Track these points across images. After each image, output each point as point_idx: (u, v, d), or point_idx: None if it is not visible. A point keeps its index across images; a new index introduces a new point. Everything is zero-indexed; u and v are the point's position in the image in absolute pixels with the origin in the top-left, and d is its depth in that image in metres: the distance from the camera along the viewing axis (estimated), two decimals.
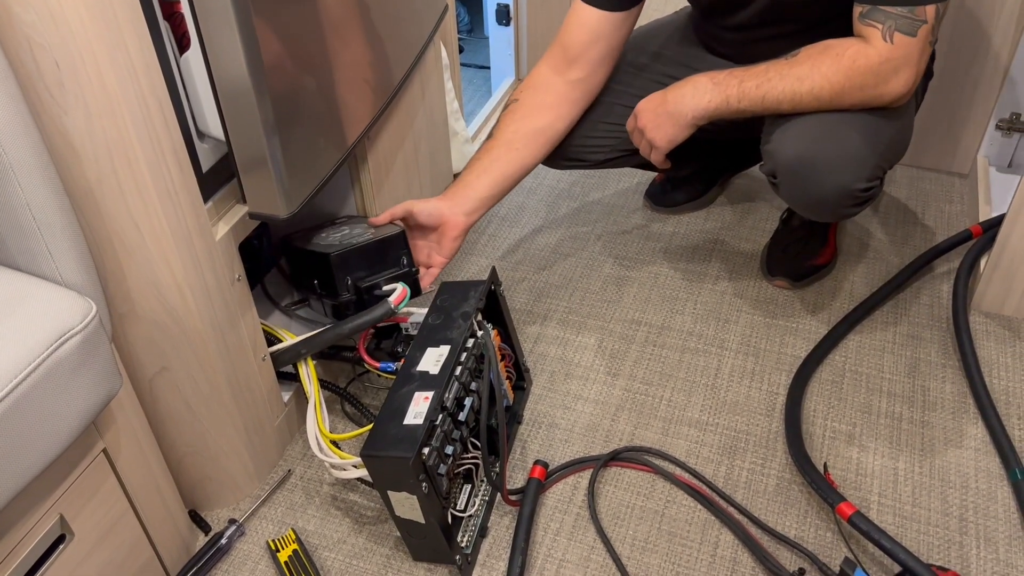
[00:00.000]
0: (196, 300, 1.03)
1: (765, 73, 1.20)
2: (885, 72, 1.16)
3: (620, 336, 1.47)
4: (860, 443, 1.28)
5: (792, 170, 1.22)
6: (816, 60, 1.18)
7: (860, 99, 1.18)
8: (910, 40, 1.14)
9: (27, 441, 0.77)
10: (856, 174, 1.20)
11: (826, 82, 1.17)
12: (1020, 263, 1.41)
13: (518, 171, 1.35)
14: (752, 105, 1.21)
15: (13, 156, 0.76)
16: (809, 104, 1.19)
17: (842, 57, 1.17)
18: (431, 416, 1.06)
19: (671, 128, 1.24)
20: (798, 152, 1.20)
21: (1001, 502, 1.19)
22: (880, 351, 1.42)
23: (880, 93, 1.18)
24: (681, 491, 1.23)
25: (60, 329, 0.79)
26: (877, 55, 1.15)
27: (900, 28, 1.14)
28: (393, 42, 1.26)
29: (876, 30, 1.15)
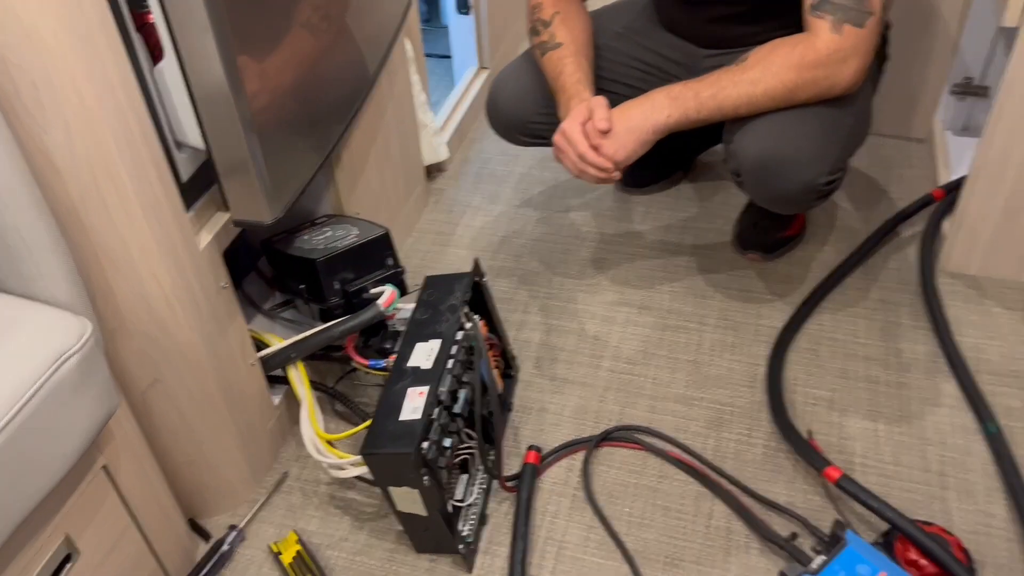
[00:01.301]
0: (184, 311, 1.03)
1: (719, 82, 1.22)
2: (834, 64, 1.19)
3: (601, 318, 1.49)
4: (840, 408, 1.32)
5: (756, 170, 1.25)
6: (766, 62, 1.21)
7: (814, 93, 1.21)
8: (858, 31, 1.18)
9: (33, 463, 0.77)
10: (818, 169, 1.23)
11: (778, 82, 1.20)
12: (982, 224, 1.45)
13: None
14: (711, 114, 1.23)
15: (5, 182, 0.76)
16: (766, 105, 1.22)
17: (791, 55, 1.20)
18: (427, 410, 1.07)
19: (631, 144, 1.24)
20: (761, 152, 1.23)
21: (977, 456, 1.24)
22: (853, 317, 1.46)
23: (832, 84, 1.21)
24: (672, 466, 1.26)
25: (58, 350, 0.79)
26: (825, 48, 1.19)
27: (848, 19, 1.17)
28: (364, 40, 1.26)
29: (825, 22, 1.18)
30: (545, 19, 1.39)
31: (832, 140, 1.25)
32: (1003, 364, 1.36)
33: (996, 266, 1.49)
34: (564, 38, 1.36)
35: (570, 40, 1.36)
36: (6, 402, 0.74)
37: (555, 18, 1.38)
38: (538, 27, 1.39)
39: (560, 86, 1.33)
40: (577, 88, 1.31)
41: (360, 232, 1.30)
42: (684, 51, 1.46)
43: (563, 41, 1.35)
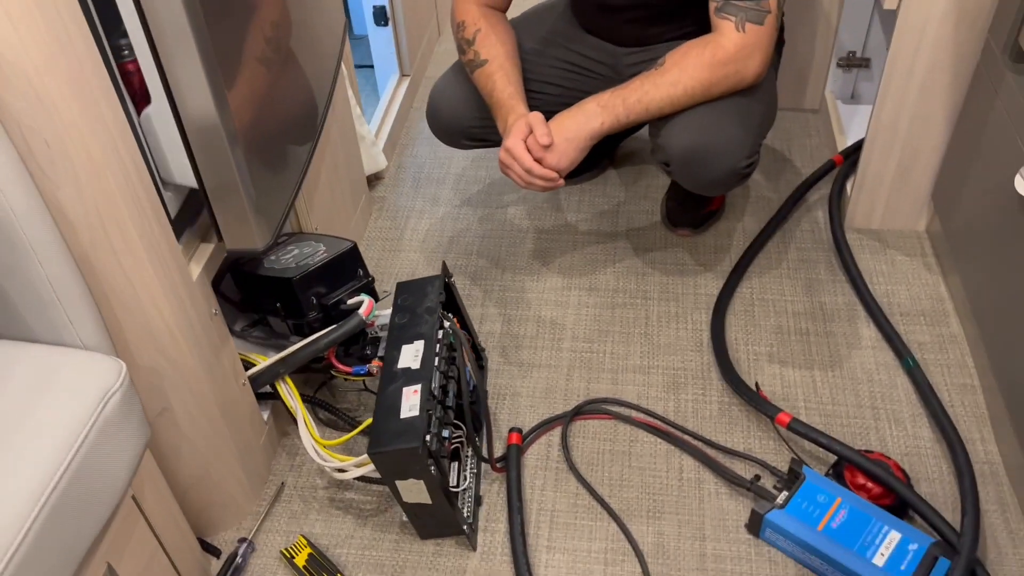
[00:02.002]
0: (186, 341, 1.08)
1: (642, 87, 1.34)
2: (742, 58, 1.33)
3: (555, 303, 1.61)
4: (780, 360, 1.47)
5: (683, 161, 1.38)
6: (682, 64, 1.34)
7: (727, 86, 1.35)
8: (759, 28, 1.32)
9: (92, 499, 0.83)
10: (739, 154, 1.37)
11: (695, 81, 1.33)
12: (879, 183, 1.63)
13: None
14: (639, 116, 1.36)
15: (32, 236, 0.80)
16: (686, 102, 1.35)
17: (703, 56, 1.33)
18: (425, 406, 1.16)
19: (572, 152, 1.35)
20: (686, 145, 1.36)
21: (901, 388, 1.42)
22: (779, 278, 1.62)
23: (742, 78, 1.35)
24: (641, 430, 1.39)
25: (102, 390, 0.84)
26: (732, 45, 1.33)
27: (750, 19, 1.32)
28: (318, 62, 1.32)
29: (730, 22, 1.32)
30: (468, 38, 1.47)
31: (748, 127, 1.39)
32: (911, 305, 1.54)
33: (894, 219, 1.68)
34: (488, 54, 1.45)
35: (494, 55, 1.45)
36: (65, 444, 0.79)
37: (477, 36, 1.46)
38: (463, 46, 1.48)
39: (495, 102, 1.42)
40: (511, 103, 1.40)
41: (328, 247, 1.37)
42: (605, 51, 1.57)
43: (488, 58, 1.44)
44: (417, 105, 2.13)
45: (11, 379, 0.81)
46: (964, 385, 1.41)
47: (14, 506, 0.74)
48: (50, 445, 0.78)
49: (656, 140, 1.43)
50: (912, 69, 1.47)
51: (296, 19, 1.23)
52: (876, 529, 1.17)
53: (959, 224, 1.50)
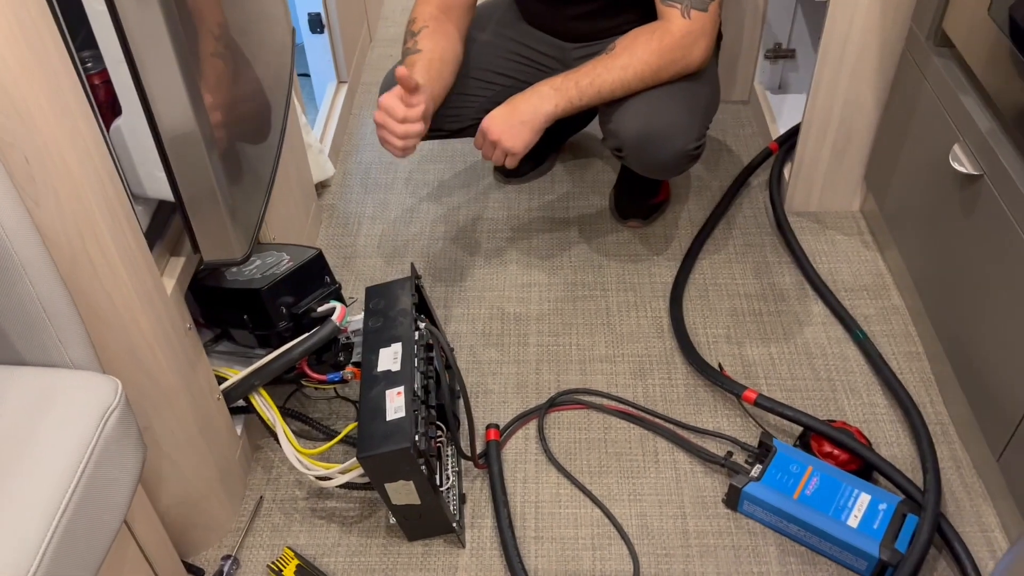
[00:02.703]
0: (165, 356, 1.06)
1: (594, 70, 1.38)
2: (688, 44, 1.39)
3: (517, 300, 1.63)
4: (737, 341, 1.53)
5: (635, 145, 1.42)
6: (631, 49, 1.38)
7: (674, 71, 1.40)
8: (703, 15, 1.38)
9: (99, 521, 0.80)
10: (688, 136, 1.42)
11: (645, 65, 1.38)
12: (814, 168, 1.71)
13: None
14: (591, 99, 1.39)
15: (23, 256, 0.78)
16: (636, 86, 1.39)
17: (651, 41, 1.38)
18: (410, 407, 1.16)
19: (527, 134, 1.37)
20: (637, 129, 1.40)
21: (853, 359, 1.49)
22: (728, 262, 1.68)
23: (688, 63, 1.41)
24: (613, 417, 1.42)
25: (100, 409, 0.82)
26: (679, 31, 1.38)
27: (695, 6, 1.37)
28: (274, 71, 1.31)
29: (675, 9, 1.37)
30: (414, 31, 1.48)
31: (695, 110, 1.44)
32: (854, 281, 1.63)
33: (831, 201, 1.76)
34: (424, 47, 1.45)
35: (429, 49, 1.44)
36: (69, 468, 0.77)
37: (423, 30, 1.47)
38: (407, 37, 1.49)
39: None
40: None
41: (292, 256, 1.35)
42: (553, 45, 1.61)
43: (422, 48, 1.45)
44: (356, 111, 2.12)
45: (7, 404, 0.78)
46: (910, 353, 1.49)
47: (25, 536, 0.72)
48: (55, 470, 0.76)
49: (607, 127, 1.46)
50: (843, 57, 1.55)
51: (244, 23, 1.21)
52: (847, 493, 1.23)
53: (893, 202, 1.59)
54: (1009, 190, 1.18)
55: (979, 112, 1.27)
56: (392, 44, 2.37)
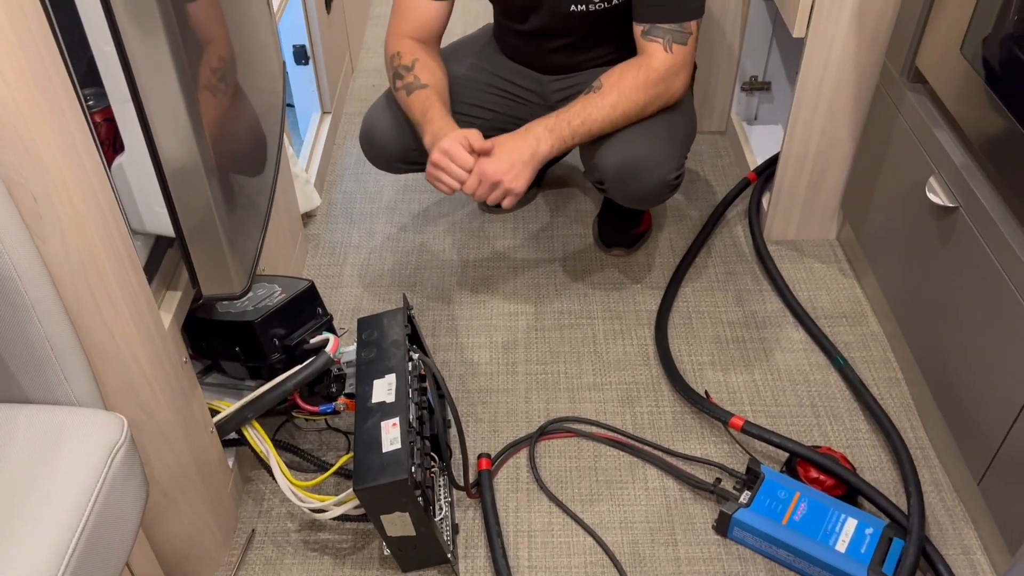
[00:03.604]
0: (162, 391, 1.06)
1: (584, 110, 1.41)
2: (670, 77, 1.43)
3: (504, 329, 1.64)
4: (722, 368, 1.56)
5: (616, 177, 1.46)
6: (618, 86, 1.42)
7: (658, 105, 1.45)
8: (683, 48, 1.42)
9: (106, 559, 0.80)
10: (667, 167, 1.45)
11: (632, 103, 1.41)
12: (792, 197, 1.76)
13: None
14: (583, 138, 1.42)
15: (33, 295, 0.78)
16: (623, 123, 1.43)
17: (637, 77, 1.42)
18: (405, 438, 1.17)
19: (527, 174, 1.40)
20: (618, 162, 1.44)
21: (834, 385, 1.52)
22: (710, 291, 1.72)
23: (671, 96, 1.45)
24: (603, 445, 1.44)
25: (108, 446, 0.82)
26: (662, 65, 1.42)
27: (676, 40, 1.41)
28: (268, 103, 1.32)
29: (658, 44, 1.42)
30: (407, 64, 1.51)
31: (673, 141, 1.48)
32: (833, 308, 1.67)
33: (809, 230, 1.81)
34: (428, 80, 1.49)
35: (433, 82, 1.49)
36: (79, 505, 0.77)
37: (415, 64, 1.50)
38: (401, 72, 1.51)
39: (429, 119, 1.44)
40: (447, 121, 1.44)
41: (284, 288, 1.36)
42: (532, 78, 1.64)
43: (427, 83, 1.48)
44: (339, 141, 2.14)
45: (15, 443, 0.78)
46: (889, 378, 1.53)
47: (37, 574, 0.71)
48: (64, 509, 0.76)
49: (590, 161, 1.50)
50: (819, 91, 1.60)
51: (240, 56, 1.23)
52: (835, 518, 1.26)
53: (870, 231, 1.64)
54: (984, 222, 1.22)
55: (953, 146, 1.32)
56: (374, 75, 2.39)
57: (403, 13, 1.52)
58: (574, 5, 1.45)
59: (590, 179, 1.54)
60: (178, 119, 0.92)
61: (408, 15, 1.52)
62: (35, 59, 0.79)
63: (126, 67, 0.87)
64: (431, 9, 1.50)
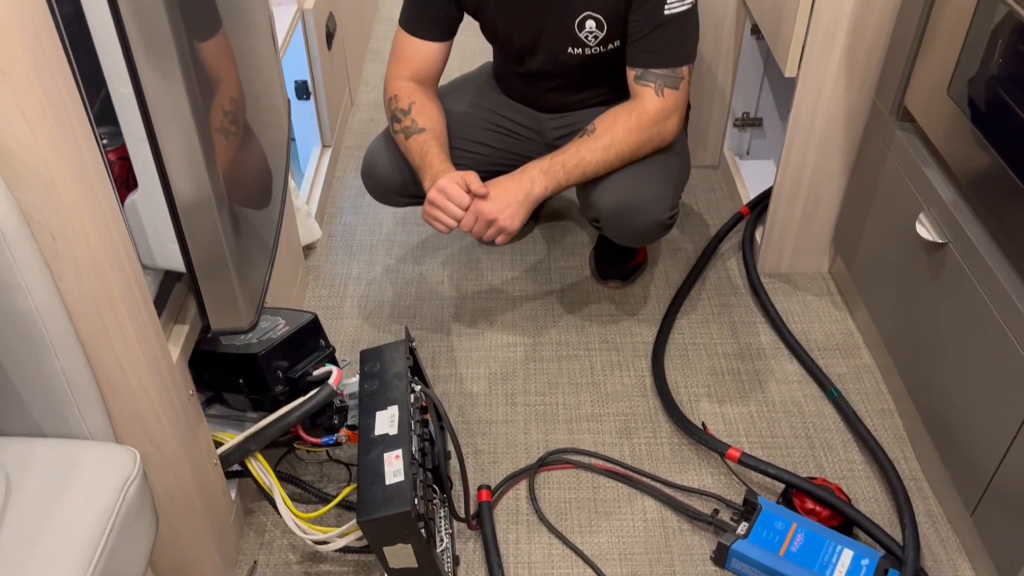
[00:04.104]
0: (169, 423, 1.07)
1: (578, 153, 1.44)
2: (662, 120, 1.47)
3: (503, 360, 1.66)
4: (718, 399, 1.58)
5: (612, 216, 1.49)
6: (612, 130, 1.45)
7: (651, 147, 1.48)
8: (675, 92, 1.46)
9: None
10: (662, 208, 1.49)
11: (625, 145, 1.45)
12: (785, 231, 1.79)
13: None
14: (577, 180, 1.46)
15: (52, 332, 0.80)
16: (617, 164, 1.47)
17: (630, 121, 1.45)
18: (408, 470, 1.18)
19: (522, 214, 1.43)
20: (615, 202, 1.47)
21: (829, 417, 1.55)
22: (705, 323, 1.74)
23: (663, 138, 1.49)
24: (602, 476, 1.45)
25: (121, 480, 0.84)
26: (654, 108, 1.46)
27: (667, 84, 1.45)
28: (275, 138, 1.34)
29: (650, 88, 1.45)
30: (404, 108, 1.54)
31: (668, 182, 1.51)
32: (826, 340, 1.69)
33: (801, 263, 1.84)
34: (425, 124, 1.52)
35: (430, 125, 1.52)
36: (92, 540, 0.78)
37: (412, 107, 1.53)
38: (398, 115, 1.55)
39: (428, 163, 1.48)
40: (445, 165, 1.47)
41: (288, 320, 1.38)
42: (530, 116, 1.67)
43: (425, 126, 1.52)
44: (339, 174, 2.17)
45: (31, 476, 0.79)
46: (882, 410, 1.55)
47: None
48: (79, 542, 0.77)
49: (586, 200, 1.53)
50: (811, 128, 1.64)
51: (248, 92, 1.26)
52: (831, 549, 1.27)
53: (862, 265, 1.67)
54: (973, 258, 1.25)
55: (942, 183, 1.36)
56: (373, 109, 2.43)
57: (401, 55, 1.56)
58: (571, 48, 1.49)
59: (586, 217, 1.57)
60: (192, 157, 0.95)
61: (406, 57, 1.55)
62: (55, 100, 0.82)
63: (143, 108, 0.90)
64: (429, 51, 1.54)
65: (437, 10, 1.52)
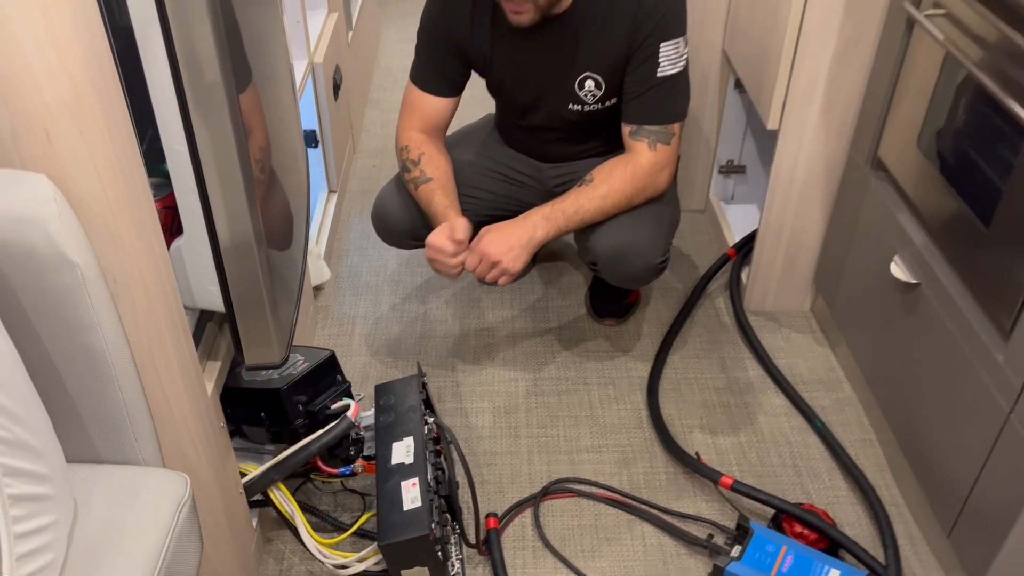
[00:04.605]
0: (205, 454, 1.15)
1: (577, 200, 1.55)
2: (655, 173, 1.58)
3: (506, 395, 1.75)
4: (710, 430, 1.67)
5: (608, 260, 1.60)
6: (608, 180, 1.56)
7: (644, 197, 1.59)
8: (667, 147, 1.58)
9: None
10: (655, 252, 1.60)
11: (621, 195, 1.56)
12: (769, 272, 1.90)
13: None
14: (576, 226, 1.57)
15: (118, 367, 0.88)
16: (613, 212, 1.57)
17: (625, 173, 1.56)
18: (424, 497, 1.27)
19: (524, 257, 1.53)
20: (610, 247, 1.58)
21: (814, 447, 1.64)
22: (696, 358, 1.84)
23: (656, 189, 1.60)
24: (603, 504, 1.54)
25: (176, 502, 0.91)
26: (647, 162, 1.57)
27: (660, 140, 1.57)
28: (295, 188, 1.44)
29: (644, 143, 1.57)
30: (414, 159, 1.65)
31: (660, 229, 1.62)
32: (810, 375, 1.80)
33: (785, 301, 1.95)
34: (432, 173, 1.63)
35: (437, 175, 1.63)
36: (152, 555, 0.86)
37: (422, 158, 1.64)
38: (408, 166, 1.65)
39: (433, 212, 1.59)
40: (446, 213, 1.58)
41: (306, 357, 1.46)
42: (531, 165, 1.78)
43: (432, 176, 1.62)
44: (344, 218, 2.27)
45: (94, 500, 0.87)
46: (864, 440, 1.65)
47: None
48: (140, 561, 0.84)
49: (584, 244, 1.63)
50: (792, 176, 1.76)
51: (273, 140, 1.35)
52: (819, 570, 1.36)
53: (842, 304, 1.78)
54: (943, 297, 1.36)
55: (914, 228, 1.47)
56: (374, 155, 2.54)
57: (412, 108, 1.67)
58: (571, 105, 1.61)
59: (584, 260, 1.68)
60: (237, 205, 1.04)
61: (416, 110, 1.66)
62: (121, 157, 0.91)
63: (196, 164, 0.99)
64: (438, 105, 1.65)
65: (446, 67, 1.63)
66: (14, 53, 0.79)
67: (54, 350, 0.86)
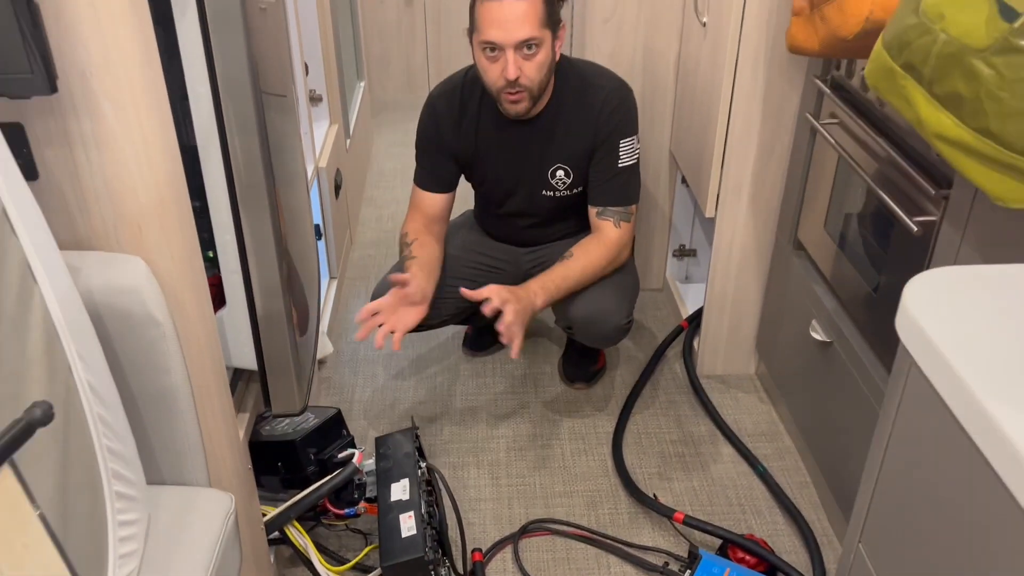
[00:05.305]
0: (238, 487, 1.38)
1: (564, 273, 1.84)
2: (620, 247, 1.89)
3: (489, 450, 1.99)
4: (667, 477, 1.92)
5: (583, 323, 1.88)
6: (587, 256, 1.86)
7: (612, 267, 1.89)
8: (628, 224, 1.88)
9: None
10: (620, 315, 1.88)
11: (595, 266, 1.86)
12: (716, 339, 2.18)
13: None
14: (563, 293, 1.85)
15: (183, 405, 1.14)
16: (590, 281, 1.87)
17: (599, 248, 1.87)
18: (419, 526, 1.50)
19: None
20: (584, 312, 1.87)
21: (757, 488, 1.89)
22: (656, 416, 2.10)
23: (621, 259, 1.90)
24: (574, 540, 1.77)
25: (224, 514, 1.15)
26: (614, 239, 1.87)
27: (622, 219, 1.87)
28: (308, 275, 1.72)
29: (610, 222, 1.87)
30: (408, 242, 1.94)
31: (624, 296, 1.91)
32: (754, 428, 2.05)
33: (732, 365, 2.22)
34: (418, 253, 1.91)
35: (421, 255, 1.91)
36: (207, 557, 1.09)
37: (414, 243, 1.93)
38: (403, 248, 1.94)
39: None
40: (416, 280, 1.84)
41: (316, 414, 1.71)
42: (508, 251, 2.08)
43: (417, 255, 1.91)
44: (344, 301, 2.54)
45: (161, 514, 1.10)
46: (800, 482, 1.90)
47: None
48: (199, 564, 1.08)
49: (562, 312, 1.91)
50: (730, 257, 2.06)
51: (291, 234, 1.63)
52: None
53: (778, 365, 2.05)
54: (852, 354, 1.64)
55: (827, 297, 1.76)
56: (369, 247, 2.84)
57: (414, 205, 1.97)
58: (544, 191, 1.92)
59: (560, 325, 1.95)
60: (272, 283, 1.31)
61: (419, 207, 1.97)
62: (187, 243, 1.19)
63: (241, 249, 1.27)
64: (436, 200, 1.95)
65: (441, 169, 1.94)
66: (120, 167, 1.07)
67: (138, 390, 1.11)
